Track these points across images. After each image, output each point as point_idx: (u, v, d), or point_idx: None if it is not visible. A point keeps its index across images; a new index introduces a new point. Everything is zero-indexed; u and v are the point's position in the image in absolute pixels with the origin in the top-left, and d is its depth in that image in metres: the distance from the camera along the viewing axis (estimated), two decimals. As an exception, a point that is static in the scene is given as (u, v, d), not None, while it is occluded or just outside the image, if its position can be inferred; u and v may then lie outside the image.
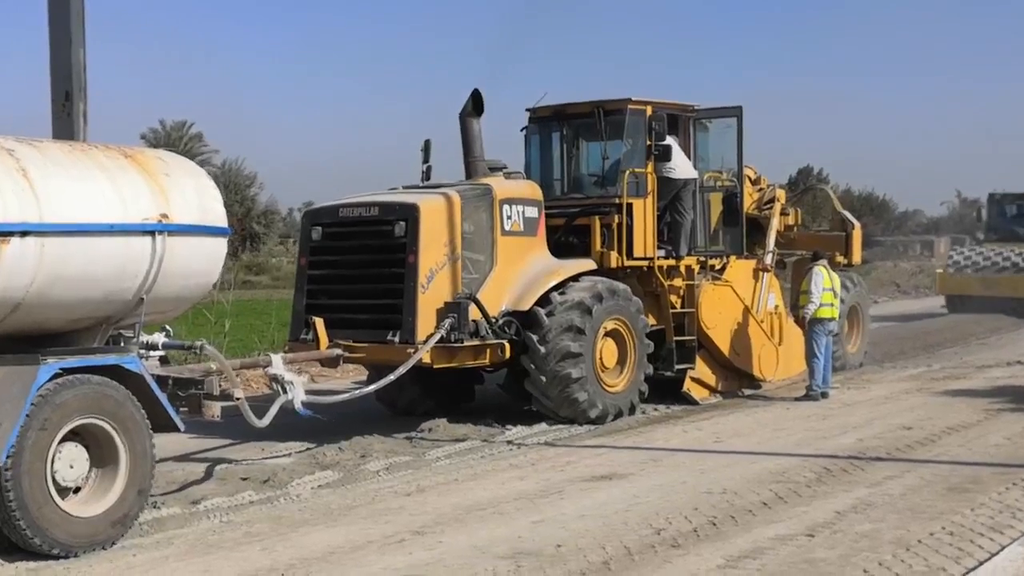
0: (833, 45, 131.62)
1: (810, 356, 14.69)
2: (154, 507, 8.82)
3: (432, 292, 11.76)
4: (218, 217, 8.84)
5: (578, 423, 12.48)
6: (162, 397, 8.17)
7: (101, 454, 7.77)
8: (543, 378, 12.36)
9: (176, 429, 8.32)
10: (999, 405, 13.57)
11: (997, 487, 9.04)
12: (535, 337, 12.27)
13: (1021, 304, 26.76)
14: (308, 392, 10.63)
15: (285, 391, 9.82)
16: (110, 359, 7.99)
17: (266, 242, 56.98)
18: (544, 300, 12.43)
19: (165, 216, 8.22)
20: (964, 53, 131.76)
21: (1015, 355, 19.25)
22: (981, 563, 6.88)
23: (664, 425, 12.91)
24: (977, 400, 14.02)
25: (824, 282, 14.71)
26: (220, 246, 8.93)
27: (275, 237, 61.74)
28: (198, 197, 8.67)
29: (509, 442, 11.80)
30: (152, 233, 8.13)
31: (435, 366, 11.80)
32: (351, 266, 12.34)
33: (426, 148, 13.89)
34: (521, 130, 14.69)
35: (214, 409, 8.57)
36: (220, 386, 8.74)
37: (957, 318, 26.62)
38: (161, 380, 8.43)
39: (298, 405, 9.90)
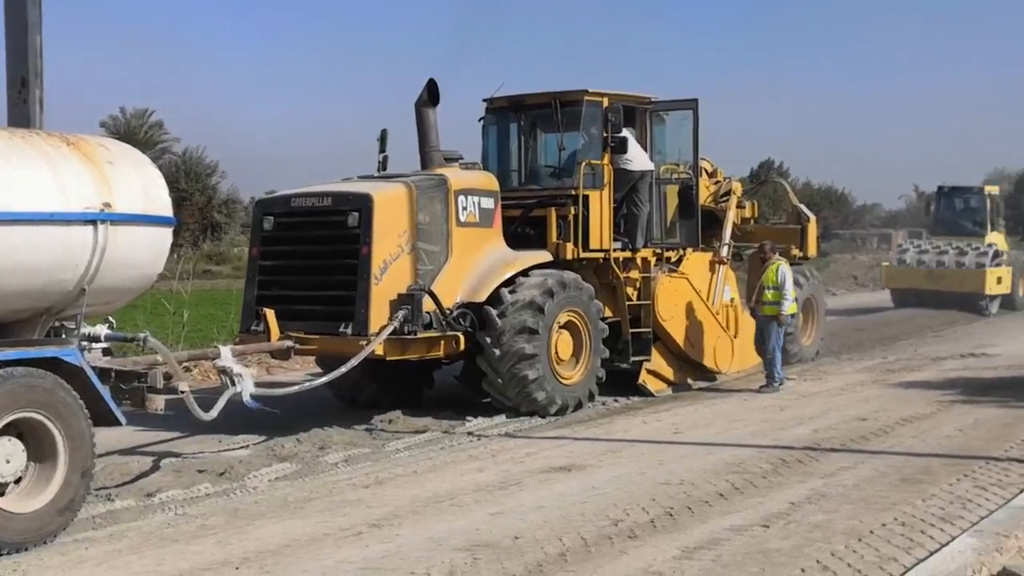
0: (795, 40, 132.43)
1: (776, 349, 14.78)
2: (108, 500, 8.77)
3: (385, 283, 11.68)
4: (163, 206, 8.73)
5: (539, 416, 12.51)
6: (103, 390, 8.04)
7: (38, 445, 7.63)
8: (500, 380, 12.38)
9: (117, 423, 8.21)
10: (952, 397, 13.75)
11: (948, 478, 9.16)
12: (489, 339, 12.25)
13: (965, 298, 26.78)
14: (260, 384, 10.57)
15: (233, 383, 9.75)
16: (49, 351, 7.82)
17: (227, 231, 56.49)
18: (496, 299, 12.38)
19: (108, 205, 8.10)
20: (924, 50, 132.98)
21: (968, 347, 19.51)
22: (932, 553, 6.96)
23: (624, 416, 12.96)
24: (931, 392, 14.19)
25: (791, 278, 14.87)
26: (165, 236, 8.84)
27: (236, 227, 61.25)
28: (143, 186, 8.56)
29: (469, 433, 11.81)
30: (94, 222, 8.02)
31: (388, 358, 11.74)
32: (303, 257, 12.23)
33: (382, 138, 13.81)
34: (478, 121, 14.68)
35: (158, 402, 8.48)
36: (164, 379, 8.65)
37: (912, 311, 26.72)
38: (104, 372, 8.31)
39: (246, 398, 9.83)
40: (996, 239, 28.44)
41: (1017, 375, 15.87)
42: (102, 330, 8.76)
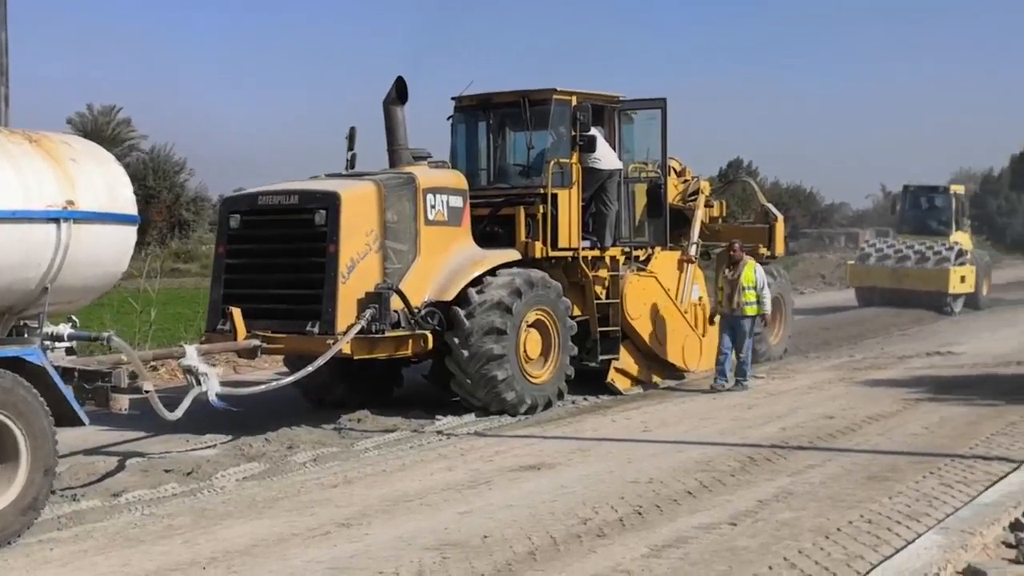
0: (765, 41, 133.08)
1: (749, 349, 14.81)
2: (73, 500, 8.70)
3: (353, 282, 11.63)
4: (127, 204, 8.66)
5: (509, 415, 12.51)
6: (66, 390, 7.96)
7: (0, 446, 7.55)
8: (469, 381, 12.37)
9: (80, 423, 8.14)
10: (918, 395, 13.85)
11: (914, 476, 9.23)
12: (457, 340, 12.22)
13: (929, 297, 26.86)
14: (227, 383, 10.51)
15: (199, 382, 9.69)
16: (10, 351, 7.74)
17: (196, 229, 56.11)
18: (463, 300, 12.35)
19: (71, 203, 8.02)
20: (893, 51, 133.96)
21: (934, 346, 19.68)
22: (898, 551, 7.00)
23: (593, 415, 12.98)
24: (897, 390, 14.29)
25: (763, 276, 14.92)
26: (129, 234, 8.76)
27: (205, 224, 60.82)
28: (106, 184, 8.48)
29: (439, 432, 11.79)
30: (57, 220, 7.94)
31: (355, 357, 11.70)
32: (270, 255, 12.14)
33: (351, 136, 13.73)
34: (447, 119, 14.64)
35: (122, 402, 8.41)
36: (129, 378, 8.58)
37: (879, 310, 26.80)
38: (67, 372, 8.23)
39: (212, 397, 9.77)
40: (961, 238, 28.57)
41: (982, 373, 16.02)
42: (65, 329, 8.67)
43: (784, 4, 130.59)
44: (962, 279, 27.16)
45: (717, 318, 15.21)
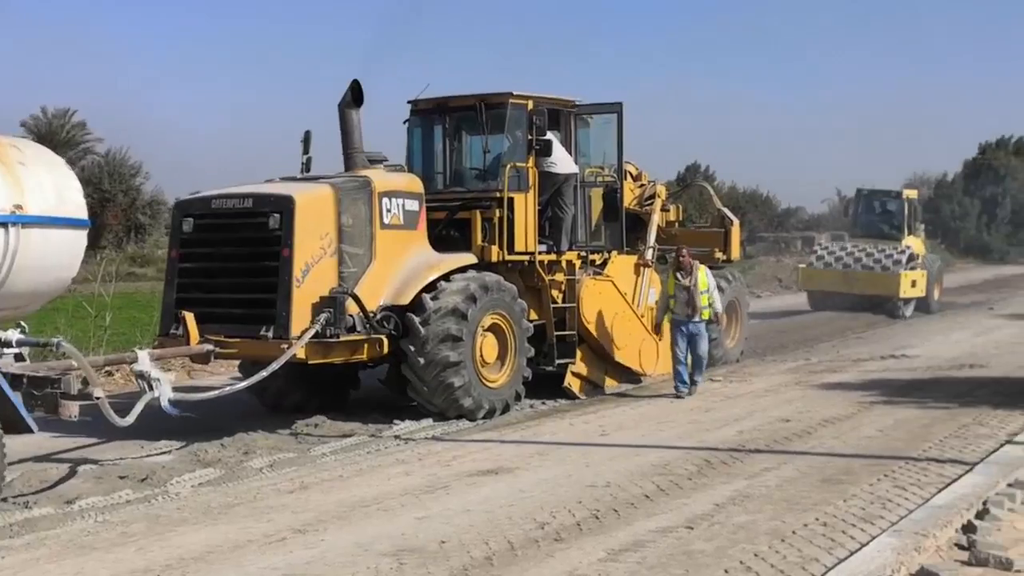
0: (723, 47, 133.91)
1: (706, 352, 14.83)
2: (25, 507, 8.59)
3: (307, 286, 11.55)
4: (77, 208, 8.57)
5: (467, 420, 12.49)
6: (14, 397, 7.87)
7: None
8: (426, 388, 12.34)
9: (29, 430, 8.03)
10: (872, 398, 13.98)
11: (869, 478, 9.31)
12: (413, 348, 12.18)
13: (880, 301, 26.98)
14: (180, 389, 10.43)
15: (151, 388, 9.60)
16: None
17: (152, 233, 55.52)
18: (418, 307, 12.31)
19: (19, 207, 7.93)
20: (849, 56, 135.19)
21: (888, 349, 19.87)
22: (852, 553, 7.06)
23: (551, 419, 12.99)
24: (852, 393, 14.42)
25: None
26: (79, 238, 8.67)
27: (161, 228, 60.22)
28: (56, 188, 8.39)
29: (396, 437, 11.76)
30: (4, 225, 7.85)
31: (310, 362, 11.62)
32: (223, 259, 12.04)
33: (306, 139, 13.62)
34: (403, 123, 14.60)
35: (72, 409, 8.32)
36: (82, 384, 8.48)
37: (834, 313, 26.92)
38: (15, 379, 8.13)
39: (165, 403, 9.69)
40: (913, 243, 28.70)
41: (935, 376, 16.20)
42: (14, 335, 8.56)
43: (741, 10, 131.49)
44: (913, 283, 27.28)
45: (666, 325, 14.99)
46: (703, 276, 14.63)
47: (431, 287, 12.50)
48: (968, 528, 7.65)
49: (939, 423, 12.08)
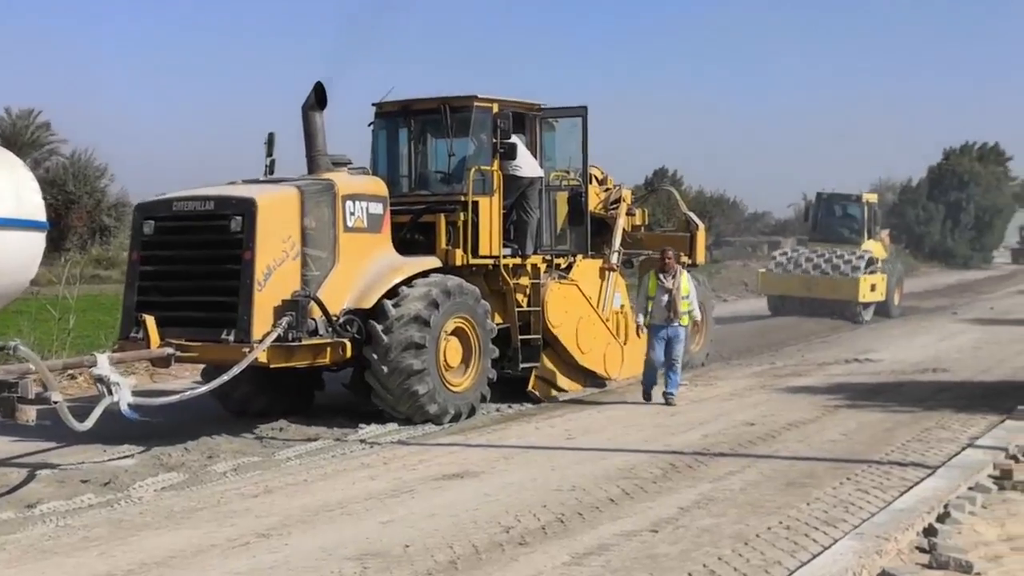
0: (691, 52, 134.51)
1: (681, 359, 14.56)
2: (-15, 512, 8.49)
3: (269, 290, 11.45)
4: (35, 210, 8.47)
5: (434, 424, 12.47)
6: None
7: None
8: (391, 396, 12.30)
9: None
10: (836, 402, 14.08)
11: (832, 482, 9.38)
12: (376, 356, 12.12)
13: (839, 305, 26.96)
14: (141, 393, 10.34)
15: (111, 392, 9.51)
16: None
17: (117, 235, 55.04)
18: (381, 314, 12.24)
19: None
20: (817, 62, 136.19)
21: (853, 353, 20.05)
22: (815, 556, 7.10)
23: (518, 422, 12.99)
24: (816, 397, 14.52)
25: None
26: (37, 241, 8.57)
27: (126, 230, 59.71)
28: (14, 189, 8.28)
29: (362, 441, 11.71)
30: None
31: (272, 366, 11.54)
32: (185, 262, 11.94)
33: (270, 142, 13.48)
34: (368, 125, 14.55)
35: (29, 413, 8.22)
36: (36, 389, 8.38)
37: (799, 318, 26.91)
38: None
39: (124, 407, 9.59)
40: (873, 247, 28.74)
41: (899, 380, 16.35)
42: None
43: (707, 15, 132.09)
44: (872, 287, 27.32)
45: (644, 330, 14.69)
46: (685, 281, 14.46)
47: (394, 292, 12.45)
48: (929, 531, 7.72)
49: (902, 427, 12.19)
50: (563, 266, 15.02)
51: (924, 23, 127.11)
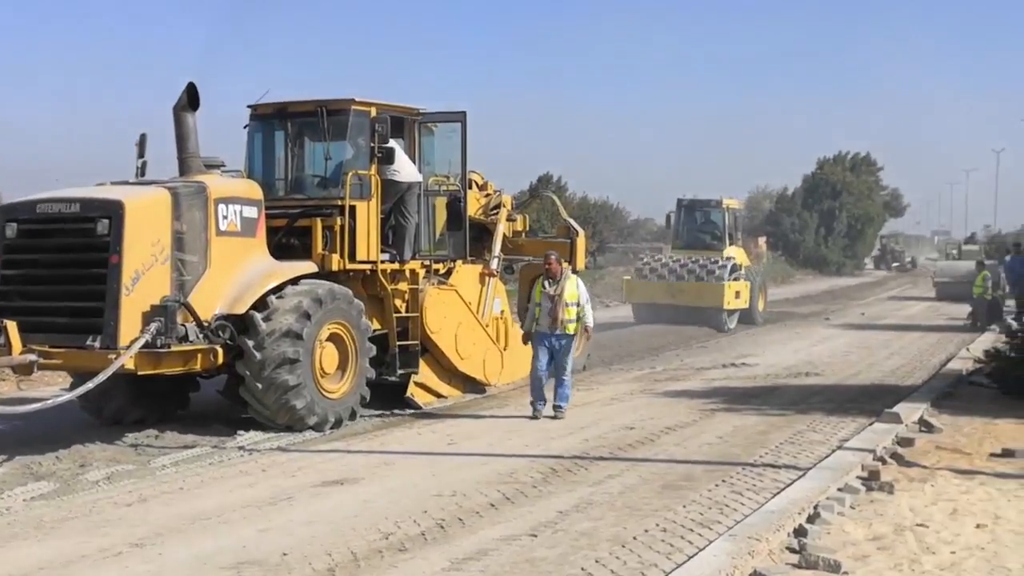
0: (578, 61, 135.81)
1: (571, 371, 13.95)
2: None
3: (138, 294, 11.17)
4: None
5: (314, 431, 12.34)
6: None
7: None
8: (267, 410, 12.12)
9: None
10: (713, 405, 14.36)
11: (708, 484, 9.57)
12: (249, 372, 11.91)
13: (704, 312, 26.69)
14: (7, 400, 10.03)
15: None
16: None
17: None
18: (252, 329, 11.97)
19: None
20: (698, 73, 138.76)
21: (730, 358, 20.46)
22: (690, 558, 7.24)
23: (399, 428, 12.94)
24: (694, 401, 14.78)
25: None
26: None
27: None
28: None
29: (240, 448, 11.54)
30: None
31: (140, 372, 11.23)
32: (49, 266, 11.55)
33: (141, 143, 13.12)
34: (243, 127, 14.30)
35: None
36: None
37: (665, 326, 26.61)
38: None
39: None
40: (735, 253, 28.80)
41: (774, 384, 16.74)
42: None
43: (592, 23, 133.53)
44: (737, 294, 27.10)
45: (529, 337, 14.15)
46: (571, 286, 13.63)
47: (264, 304, 12.19)
48: (799, 532, 7.93)
49: (776, 429, 12.49)
50: (442, 271, 14.97)
51: (805, 35, 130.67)
